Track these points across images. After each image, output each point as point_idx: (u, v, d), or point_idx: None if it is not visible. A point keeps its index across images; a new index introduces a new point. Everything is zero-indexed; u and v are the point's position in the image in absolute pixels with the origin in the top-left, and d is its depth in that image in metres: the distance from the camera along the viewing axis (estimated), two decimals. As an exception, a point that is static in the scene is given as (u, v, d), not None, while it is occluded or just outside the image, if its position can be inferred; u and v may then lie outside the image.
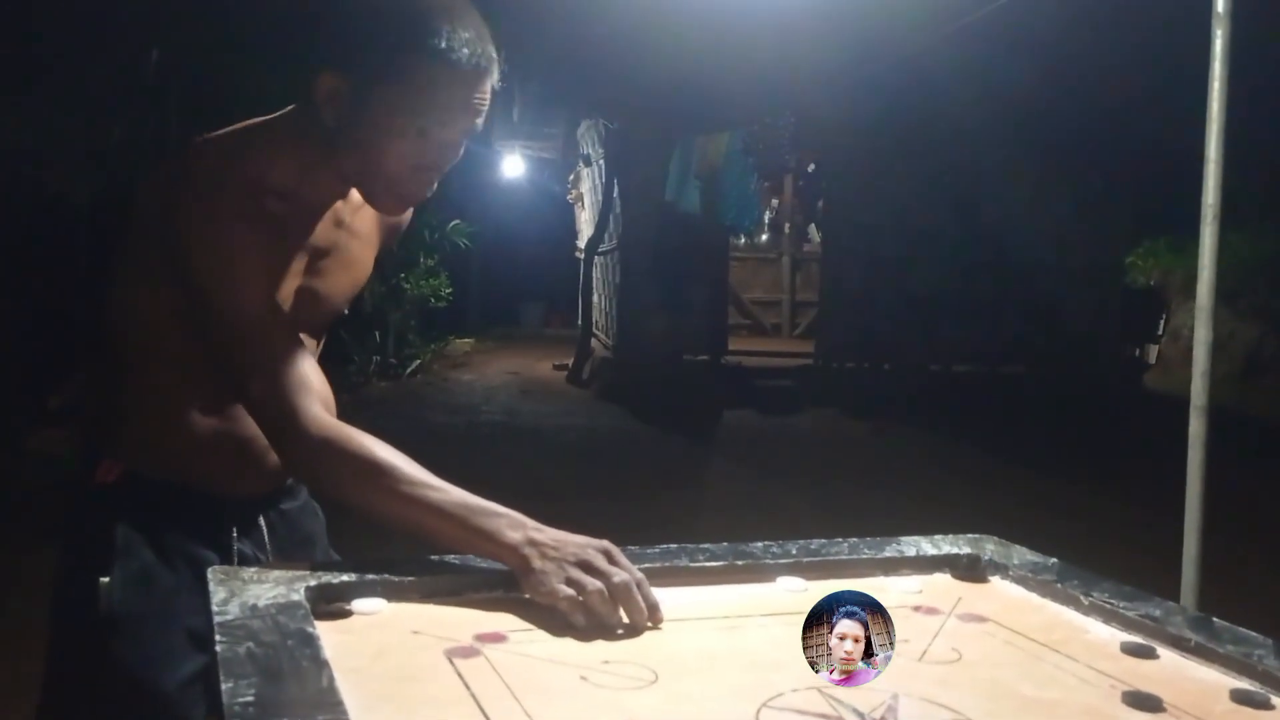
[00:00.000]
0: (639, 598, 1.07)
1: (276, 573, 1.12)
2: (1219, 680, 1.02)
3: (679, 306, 9.41)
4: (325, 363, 1.36)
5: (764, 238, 13.15)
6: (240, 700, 0.81)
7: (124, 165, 6.46)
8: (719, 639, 1.08)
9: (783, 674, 0.99)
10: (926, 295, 9.31)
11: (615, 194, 10.12)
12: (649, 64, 7.98)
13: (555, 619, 1.09)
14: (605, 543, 1.12)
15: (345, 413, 1.26)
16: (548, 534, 1.12)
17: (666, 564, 1.24)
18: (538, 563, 1.09)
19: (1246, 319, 11.66)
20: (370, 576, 1.14)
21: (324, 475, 1.20)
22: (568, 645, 1.04)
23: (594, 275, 11.71)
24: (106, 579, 1.27)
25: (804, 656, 1.03)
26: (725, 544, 1.32)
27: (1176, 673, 1.04)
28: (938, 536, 1.41)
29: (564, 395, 10.23)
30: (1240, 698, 0.97)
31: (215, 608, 1.01)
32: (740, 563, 1.26)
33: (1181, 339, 12.80)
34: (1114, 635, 1.13)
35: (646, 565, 1.22)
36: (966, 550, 1.36)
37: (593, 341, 11.39)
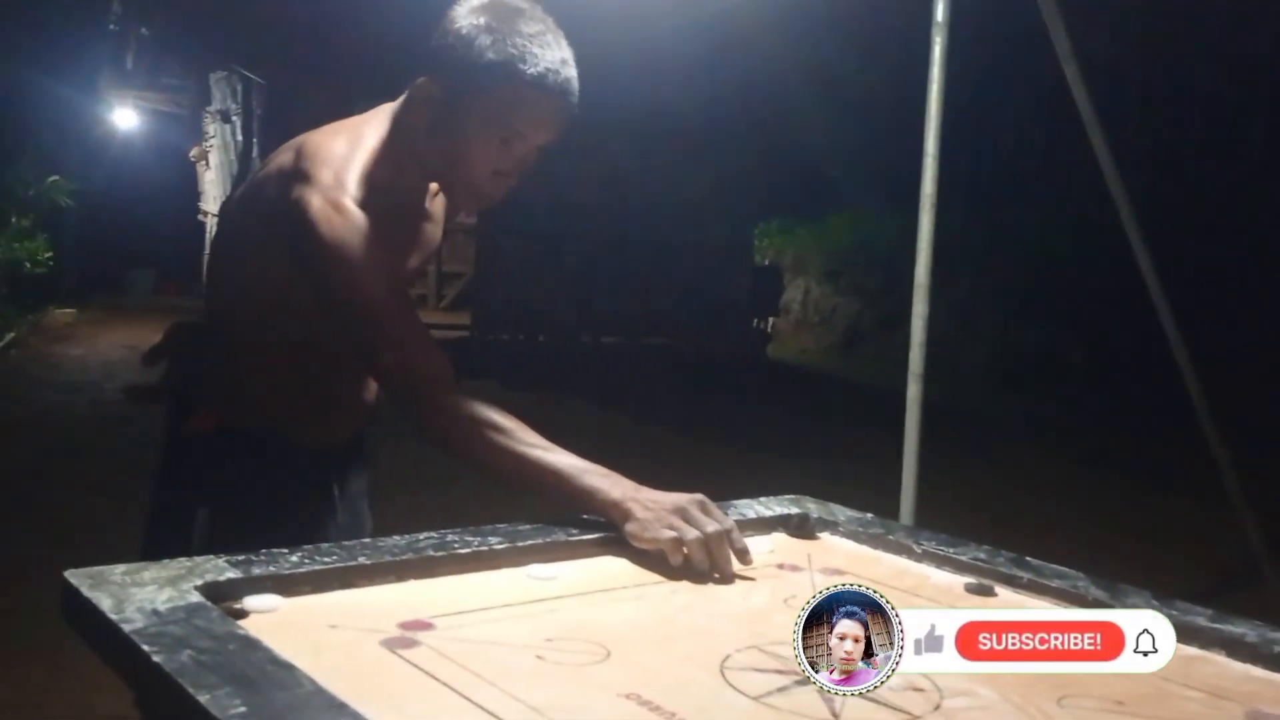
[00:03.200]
0: (729, 549, 1.20)
1: (151, 573, 1.01)
2: (1055, 611, 1.18)
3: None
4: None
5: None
6: (234, 713, 0.74)
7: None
8: (637, 609, 1.11)
9: (716, 637, 1.03)
10: (579, 269, 9.60)
11: (255, 154, 9.53)
12: (307, 12, 7.53)
13: (467, 600, 1.07)
14: (699, 495, 1.24)
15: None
16: (646, 492, 1.26)
17: (546, 540, 1.24)
18: (640, 513, 1.22)
19: (847, 295, 13.10)
20: (256, 572, 1.05)
21: (455, 437, 1.32)
22: (500, 628, 1.02)
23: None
24: (203, 509, 1.44)
25: (712, 617, 1.10)
26: (583, 516, 1.34)
27: (1021, 605, 1.20)
28: (764, 499, 1.50)
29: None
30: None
31: (113, 616, 0.90)
32: (611, 534, 1.28)
33: (791, 313, 14.14)
34: (954, 579, 1.27)
35: (525, 543, 1.22)
36: (795, 510, 1.46)
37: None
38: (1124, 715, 0.92)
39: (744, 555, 1.22)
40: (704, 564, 1.18)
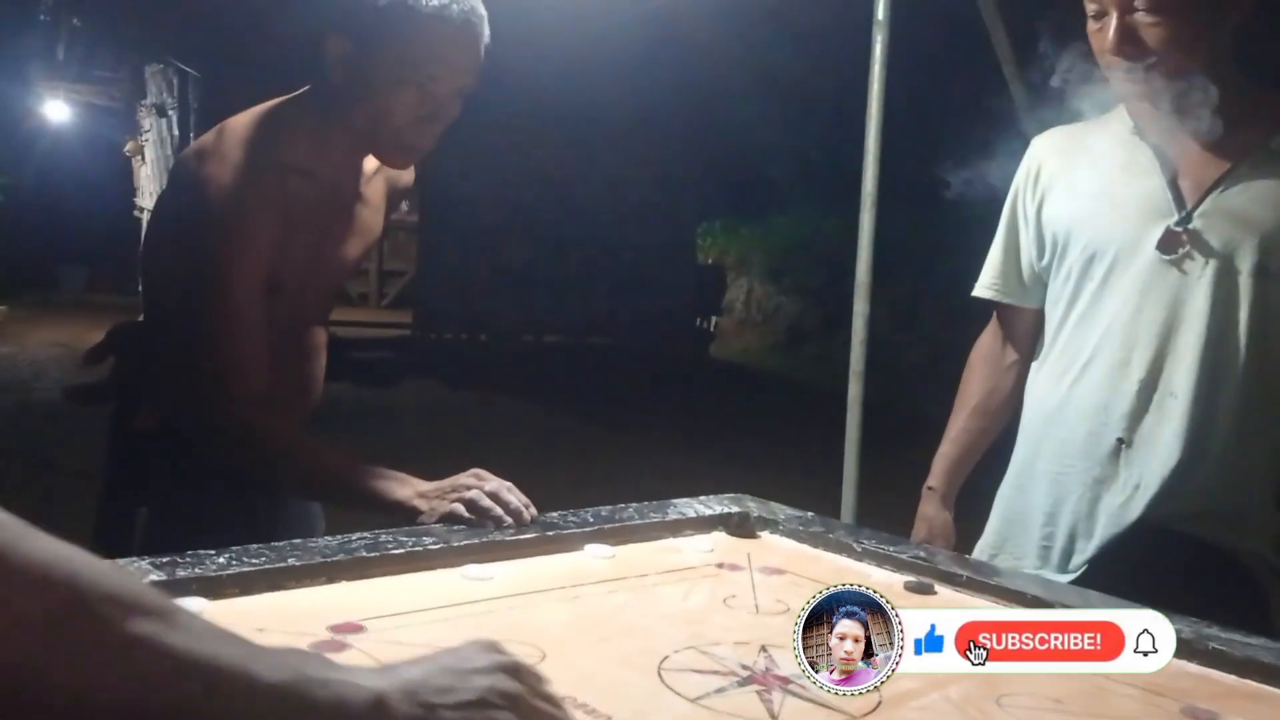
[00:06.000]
0: (511, 496, 1.28)
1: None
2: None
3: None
4: None
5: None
6: (150, 723, 0.70)
7: None
8: (574, 609, 1.09)
9: (654, 638, 1.02)
10: (521, 268, 9.55)
11: (192, 150, 9.33)
12: (244, 3, 7.37)
13: (401, 602, 1.05)
14: (474, 470, 1.31)
15: None
16: (427, 484, 1.31)
17: (482, 540, 1.22)
18: (425, 504, 1.28)
19: (790, 294, 13.16)
20: (181, 574, 1.02)
21: (245, 447, 1.35)
22: (434, 630, 1.00)
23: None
24: (145, 509, 1.44)
25: (650, 617, 1.08)
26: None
27: (960, 604, 1.20)
28: (704, 497, 1.49)
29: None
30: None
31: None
32: (549, 534, 1.27)
33: (734, 312, 14.17)
34: (894, 577, 1.27)
35: (460, 543, 1.20)
36: (735, 509, 1.45)
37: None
38: (1062, 713, 0.92)
39: (528, 508, 1.28)
40: (492, 510, 1.25)
